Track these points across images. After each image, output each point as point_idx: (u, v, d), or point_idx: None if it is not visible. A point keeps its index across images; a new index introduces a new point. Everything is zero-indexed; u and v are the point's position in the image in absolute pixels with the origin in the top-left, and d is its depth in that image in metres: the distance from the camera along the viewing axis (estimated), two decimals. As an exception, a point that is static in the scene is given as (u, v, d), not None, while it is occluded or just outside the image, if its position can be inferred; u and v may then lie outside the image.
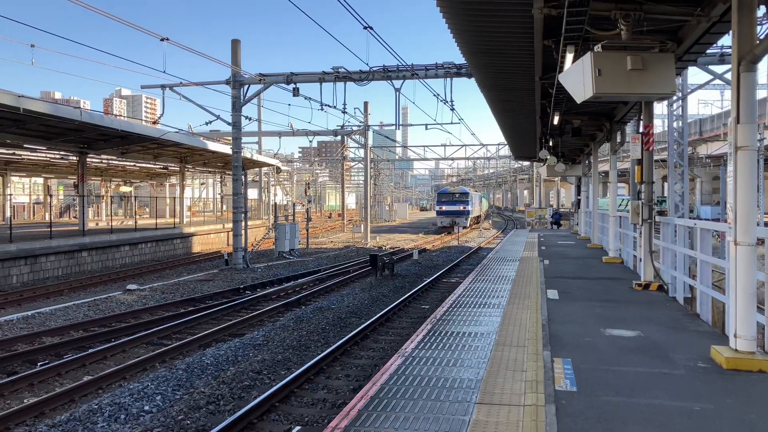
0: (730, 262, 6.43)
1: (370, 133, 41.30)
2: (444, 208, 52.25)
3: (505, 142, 38.88)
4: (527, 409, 4.98)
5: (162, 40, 16.98)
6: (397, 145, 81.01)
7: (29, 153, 30.44)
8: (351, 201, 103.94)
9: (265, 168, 48.71)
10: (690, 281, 9.61)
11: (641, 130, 11.52)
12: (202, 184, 67.91)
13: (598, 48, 7.67)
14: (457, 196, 53.01)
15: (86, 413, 7.57)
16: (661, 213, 21.88)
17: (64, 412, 7.89)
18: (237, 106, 24.44)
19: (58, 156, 31.88)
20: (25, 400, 8.34)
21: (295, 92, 23.57)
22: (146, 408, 7.85)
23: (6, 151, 29.53)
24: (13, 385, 8.78)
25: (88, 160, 28.69)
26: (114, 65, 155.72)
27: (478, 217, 61.54)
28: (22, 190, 64.54)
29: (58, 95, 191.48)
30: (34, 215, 54.39)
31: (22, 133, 22.15)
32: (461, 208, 51.49)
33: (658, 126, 42.73)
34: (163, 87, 25.19)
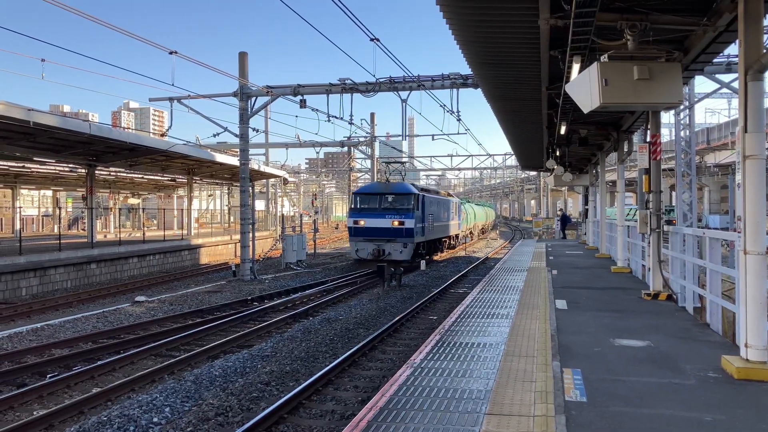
0: (739, 271, 6.40)
1: (377, 144, 41.43)
2: (363, 223, 26.04)
3: (512, 152, 38.91)
4: (537, 420, 4.96)
5: (170, 53, 17.12)
6: (404, 155, 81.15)
7: (39, 166, 30.66)
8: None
9: (273, 179, 48.87)
10: (699, 291, 9.56)
11: (648, 139, 11.50)
12: (209, 196, 68.21)
13: (604, 58, 7.69)
14: (389, 200, 26.19)
15: (95, 425, 7.58)
16: (669, 222, 21.81)
17: (73, 424, 7.90)
18: (244, 118, 24.57)
19: (67, 169, 32.09)
20: (34, 413, 8.37)
21: (302, 104, 23.68)
22: (155, 420, 7.85)
23: (16, 164, 29.74)
24: (22, 397, 8.82)
25: (96, 172, 28.88)
26: (122, 78, 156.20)
27: (457, 237, 39.24)
28: (32, 202, 64.96)
29: (66, 108, 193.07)
30: (43, 228, 54.70)
31: (31, 146, 22.33)
32: (396, 223, 25.51)
33: (666, 135, 42.64)
34: (171, 99, 25.36)
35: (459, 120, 25.18)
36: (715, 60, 12.99)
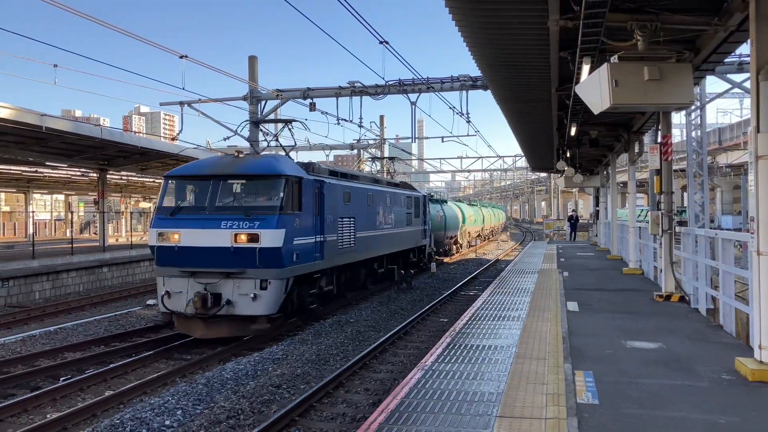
0: (753, 272, 6.36)
1: (386, 147, 41.45)
2: (176, 238, 12.30)
3: (522, 154, 38.84)
4: (549, 423, 4.94)
5: (181, 57, 17.22)
6: (413, 158, 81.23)
7: (51, 170, 30.95)
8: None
9: (283, 182, 48.84)
10: (712, 292, 9.50)
11: (659, 140, 11.45)
12: (220, 199, 68.32)
13: (614, 59, 7.67)
14: (233, 190, 12.85)
15: (108, 428, 7.61)
16: (681, 223, 21.68)
17: (86, 426, 7.95)
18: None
19: (78, 173, 32.36)
20: (48, 416, 8.43)
21: (312, 107, 23.72)
22: (167, 423, 7.88)
23: (29, 169, 30.04)
24: (36, 400, 8.88)
25: (108, 176, 29.08)
26: (133, 83, 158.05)
27: (422, 251, 25.62)
28: (44, 206, 65.52)
29: (78, 113, 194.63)
30: (55, 232, 55.09)
31: (44, 151, 22.53)
32: (242, 237, 11.94)
33: (677, 136, 42.32)
34: (181, 104, 25.46)
35: (469, 122, 25.12)
36: (726, 60, 12.91)
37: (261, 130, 15.38)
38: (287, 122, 16.52)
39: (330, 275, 15.35)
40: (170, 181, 13.41)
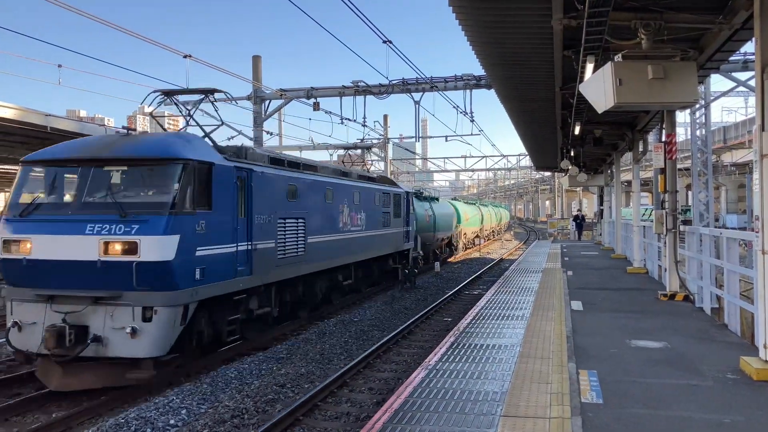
0: (758, 271, 6.34)
1: (390, 146, 41.42)
2: (28, 247, 8.85)
3: (526, 153, 38.80)
4: (553, 422, 4.94)
5: (185, 57, 17.25)
6: (417, 157, 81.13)
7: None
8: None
9: (286, 182, 48.81)
10: (717, 291, 9.48)
11: (664, 138, 11.44)
12: (224, 199, 68.33)
13: (618, 58, 7.66)
14: (111, 179, 9.25)
15: (113, 427, 7.63)
16: (686, 222, 21.64)
17: (91, 426, 7.96)
18: (258, 121, 24.68)
19: (83, 173, 32.37)
20: (53, 415, 8.46)
21: (316, 107, 23.74)
22: (171, 422, 7.89)
23: (33, 169, 30.07)
24: (41, 400, 8.90)
25: (112, 176, 29.13)
26: (137, 83, 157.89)
27: (405, 256, 21.94)
28: (49, 206, 65.53)
29: (83, 113, 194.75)
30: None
31: (48, 151, 22.57)
32: (117, 247, 8.53)
33: (681, 134, 42.27)
34: (185, 103, 25.48)
35: (472, 121, 25.12)
36: (731, 58, 12.88)
37: (174, 103, 12.17)
38: (206, 92, 12.42)
39: (266, 293, 12.03)
40: (29, 168, 9.94)
